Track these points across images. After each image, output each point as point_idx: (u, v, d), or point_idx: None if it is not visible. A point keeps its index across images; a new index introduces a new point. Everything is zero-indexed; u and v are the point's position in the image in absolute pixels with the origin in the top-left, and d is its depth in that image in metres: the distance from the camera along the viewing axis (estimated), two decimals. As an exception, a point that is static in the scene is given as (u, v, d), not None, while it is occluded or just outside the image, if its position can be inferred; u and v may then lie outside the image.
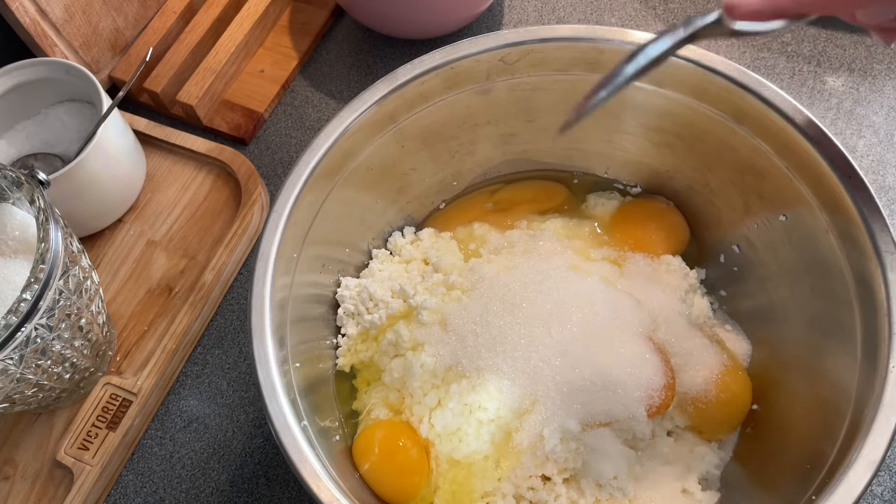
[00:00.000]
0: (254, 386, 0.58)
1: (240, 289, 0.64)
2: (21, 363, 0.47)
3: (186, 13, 0.74)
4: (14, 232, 0.52)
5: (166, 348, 0.59)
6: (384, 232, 0.59)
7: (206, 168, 0.68)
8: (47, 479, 0.56)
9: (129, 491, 0.57)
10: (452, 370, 0.49)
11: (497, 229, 0.57)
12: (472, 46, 0.50)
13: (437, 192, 0.60)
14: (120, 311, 0.62)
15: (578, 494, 0.47)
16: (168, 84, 0.70)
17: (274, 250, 0.46)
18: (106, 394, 0.57)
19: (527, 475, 0.47)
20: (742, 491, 0.48)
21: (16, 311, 0.44)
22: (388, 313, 0.52)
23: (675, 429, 0.50)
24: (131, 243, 0.65)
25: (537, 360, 0.48)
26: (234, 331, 0.62)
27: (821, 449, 0.42)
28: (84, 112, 0.64)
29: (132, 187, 0.66)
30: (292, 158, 0.69)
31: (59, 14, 0.66)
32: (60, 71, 0.61)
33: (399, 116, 0.52)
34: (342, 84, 0.73)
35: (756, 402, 0.50)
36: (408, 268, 0.56)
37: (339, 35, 0.76)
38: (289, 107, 0.73)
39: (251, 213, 0.64)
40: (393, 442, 0.49)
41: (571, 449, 0.46)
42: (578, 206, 0.59)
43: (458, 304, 0.51)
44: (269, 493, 0.56)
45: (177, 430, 0.59)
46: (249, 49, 0.73)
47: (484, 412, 0.48)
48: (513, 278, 0.51)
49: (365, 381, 0.54)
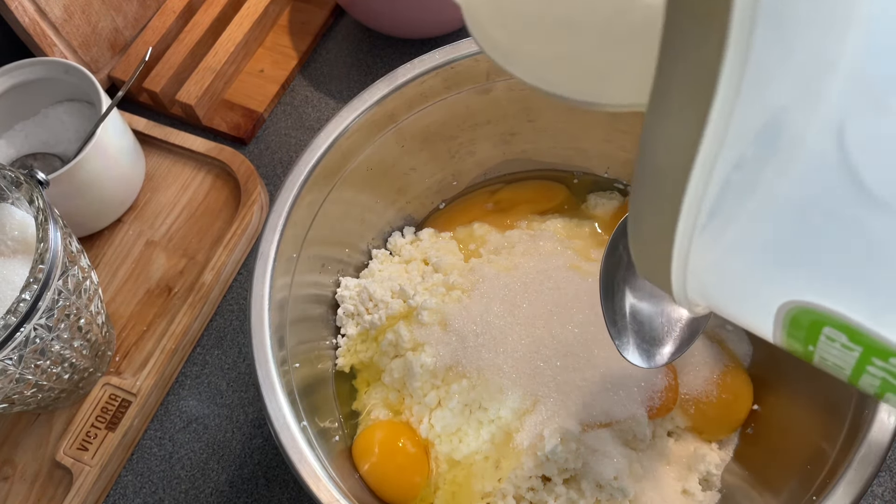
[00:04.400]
0: (253, 386, 0.58)
1: (239, 289, 0.64)
2: (20, 363, 0.46)
3: (186, 13, 0.74)
4: (13, 232, 0.51)
5: (165, 348, 0.59)
6: (384, 232, 0.59)
7: (206, 168, 0.68)
8: (46, 479, 0.56)
9: (129, 491, 0.57)
10: (453, 370, 0.49)
11: (497, 229, 0.57)
12: (472, 46, 0.50)
13: (436, 192, 0.60)
14: (119, 311, 0.62)
15: (578, 495, 0.47)
16: (167, 84, 0.70)
17: (273, 250, 0.46)
18: (105, 394, 0.57)
19: (527, 476, 0.47)
20: (743, 491, 0.48)
21: (15, 311, 0.44)
22: (387, 313, 0.52)
23: (676, 429, 0.50)
24: (130, 243, 0.65)
25: (538, 360, 0.48)
26: (233, 331, 0.62)
27: (821, 449, 0.42)
28: (83, 112, 0.64)
29: (131, 187, 0.66)
30: (292, 158, 0.69)
31: (58, 14, 0.66)
32: (59, 71, 0.61)
33: (399, 116, 0.52)
34: (342, 84, 0.73)
35: (756, 402, 0.50)
36: (408, 268, 0.56)
37: (338, 35, 0.76)
38: (288, 106, 0.73)
39: (250, 212, 0.64)
40: (393, 442, 0.49)
41: (572, 449, 0.46)
42: (579, 206, 0.59)
43: (459, 305, 0.51)
44: (268, 494, 0.56)
45: (176, 430, 0.59)
46: (249, 49, 0.73)
47: (484, 412, 0.48)
48: (513, 278, 0.51)
49: (365, 382, 0.54)
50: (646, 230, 0.24)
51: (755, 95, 0.19)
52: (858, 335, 0.21)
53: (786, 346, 0.24)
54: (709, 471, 0.49)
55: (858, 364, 0.22)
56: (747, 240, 0.23)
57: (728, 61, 0.18)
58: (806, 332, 0.23)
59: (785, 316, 0.23)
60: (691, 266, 0.23)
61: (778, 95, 0.20)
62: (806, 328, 0.22)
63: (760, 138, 0.20)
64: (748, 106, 0.19)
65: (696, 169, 0.20)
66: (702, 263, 0.23)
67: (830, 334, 0.22)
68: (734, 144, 0.20)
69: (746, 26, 0.18)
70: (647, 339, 0.41)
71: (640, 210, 0.24)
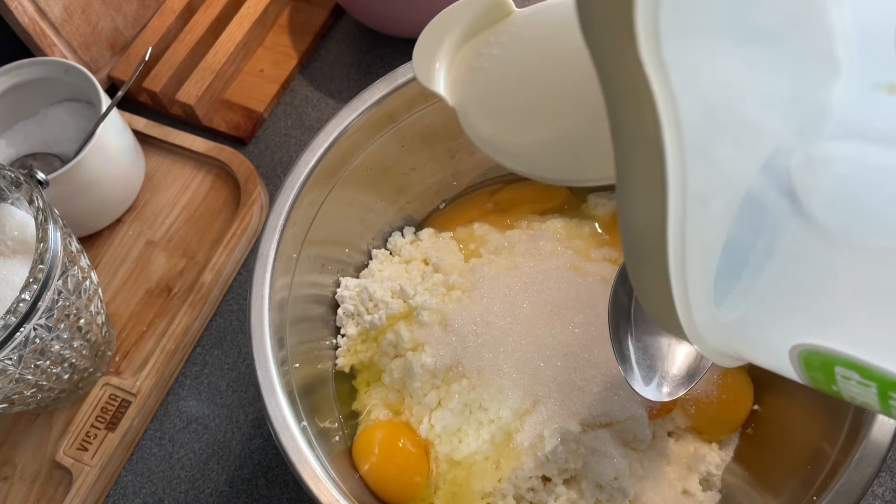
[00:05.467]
0: (253, 386, 0.58)
1: (239, 289, 0.64)
2: (20, 363, 0.46)
3: (186, 12, 0.74)
4: (13, 232, 0.51)
5: (165, 349, 0.59)
6: (384, 232, 0.58)
7: (206, 168, 0.68)
8: (46, 479, 0.56)
9: (129, 492, 0.57)
10: (453, 370, 0.49)
11: (497, 229, 0.57)
12: (473, 46, 0.50)
13: (436, 192, 0.60)
14: (119, 311, 0.62)
15: (579, 495, 0.47)
16: (167, 84, 0.70)
17: (273, 250, 0.46)
18: (105, 394, 0.57)
19: (527, 476, 0.47)
20: (743, 492, 0.48)
21: (14, 311, 0.44)
22: (388, 314, 0.52)
23: (676, 429, 0.50)
24: (130, 243, 0.65)
25: (538, 360, 0.48)
26: (233, 331, 0.62)
27: (821, 449, 0.42)
28: (83, 112, 0.64)
29: (131, 187, 0.66)
30: (292, 158, 0.69)
31: (57, 13, 0.66)
32: (59, 70, 0.61)
33: (399, 116, 0.52)
34: (342, 84, 0.73)
35: (757, 402, 0.50)
36: (408, 268, 0.56)
37: (338, 35, 0.76)
38: (288, 106, 0.72)
39: (250, 213, 0.64)
40: (393, 443, 0.49)
41: (572, 450, 0.46)
42: (579, 206, 0.59)
43: (459, 305, 0.51)
44: (268, 494, 0.56)
45: (176, 430, 0.59)
46: (249, 48, 0.73)
47: (484, 413, 0.48)
48: (513, 278, 0.51)
49: (365, 382, 0.54)
50: (646, 290, 0.25)
51: (700, 158, 0.21)
52: (867, 371, 0.22)
53: (816, 387, 0.25)
54: (709, 471, 0.49)
55: (881, 398, 0.22)
56: (744, 292, 0.24)
57: (665, 128, 0.20)
58: (822, 373, 0.23)
59: (798, 358, 0.23)
60: (698, 323, 0.24)
61: (721, 156, 0.21)
62: (820, 369, 0.23)
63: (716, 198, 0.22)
64: (698, 169, 0.21)
65: (670, 229, 0.21)
66: (707, 319, 0.24)
67: (843, 373, 0.22)
68: (699, 206, 0.21)
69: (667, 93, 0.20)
70: (656, 374, 0.42)
71: (634, 271, 0.25)
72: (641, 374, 0.42)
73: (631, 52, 0.19)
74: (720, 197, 0.22)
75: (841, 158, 0.22)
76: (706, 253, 0.23)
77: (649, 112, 0.20)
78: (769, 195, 0.22)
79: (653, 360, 0.42)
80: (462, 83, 0.37)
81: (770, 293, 0.24)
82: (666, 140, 0.20)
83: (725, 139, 0.21)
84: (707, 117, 0.20)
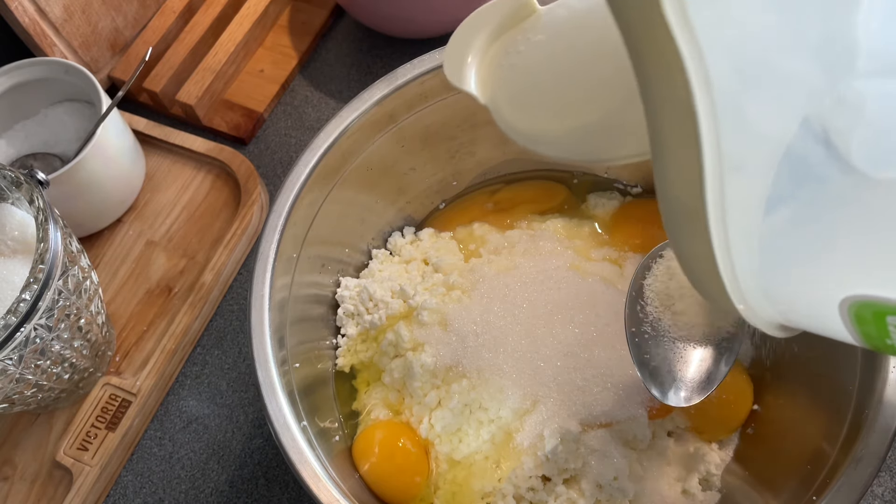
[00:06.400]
0: (253, 386, 0.58)
1: (239, 289, 0.64)
2: (20, 363, 0.46)
3: (186, 13, 0.74)
4: (13, 232, 0.51)
5: (165, 348, 0.59)
6: (384, 232, 0.58)
7: (206, 168, 0.68)
8: (46, 479, 0.56)
9: (129, 491, 0.57)
10: (453, 370, 0.49)
11: (497, 229, 0.57)
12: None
13: (436, 192, 0.60)
14: (119, 311, 0.62)
15: (578, 495, 0.47)
16: (167, 84, 0.70)
17: (273, 250, 0.46)
18: (105, 394, 0.57)
19: (527, 475, 0.47)
20: (743, 491, 0.48)
21: (15, 311, 0.44)
22: (388, 313, 0.52)
23: (676, 429, 0.50)
24: (130, 243, 0.65)
25: (538, 360, 0.48)
26: (233, 331, 0.62)
27: (821, 449, 0.42)
28: (83, 112, 0.64)
29: (131, 187, 0.66)
30: (292, 158, 0.69)
31: (58, 14, 0.66)
32: (59, 71, 0.61)
33: (399, 116, 0.52)
34: (342, 84, 0.73)
35: (756, 402, 0.50)
36: (408, 268, 0.56)
37: (338, 35, 0.76)
38: (288, 106, 0.73)
39: (250, 212, 0.64)
40: (393, 442, 0.49)
41: (572, 450, 0.46)
42: (578, 206, 0.59)
43: (459, 305, 0.51)
44: (268, 494, 0.56)
45: (176, 430, 0.59)
46: (249, 49, 0.73)
47: (484, 412, 0.48)
48: (513, 278, 0.51)
49: (365, 382, 0.54)
50: (689, 258, 0.25)
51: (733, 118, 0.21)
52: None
53: (869, 345, 0.24)
54: (709, 471, 0.49)
55: None
56: (789, 247, 0.23)
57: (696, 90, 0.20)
58: (875, 327, 0.23)
59: (849, 314, 0.23)
60: (745, 289, 0.24)
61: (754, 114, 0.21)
62: (873, 322, 0.23)
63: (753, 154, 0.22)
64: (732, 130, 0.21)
65: (709, 191, 0.21)
66: (753, 285, 0.24)
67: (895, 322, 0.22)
68: (735, 165, 0.21)
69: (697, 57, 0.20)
70: (675, 380, 0.42)
71: (676, 240, 0.25)
72: (660, 380, 0.42)
73: (656, 13, 0.19)
74: (756, 153, 0.22)
75: (872, 95, 0.22)
76: (747, 212, 0.23)
77: (678, 73, 0.20)
78: (804, 144, 0.22)
79: (671, 366, 0.42)
80: (492, 81, 0.38)
81: (814, 246, 0.23)
82: (697, 99, 0.20)
83: (757, 95, 0.21)
84: (737, 73, 0.21)
